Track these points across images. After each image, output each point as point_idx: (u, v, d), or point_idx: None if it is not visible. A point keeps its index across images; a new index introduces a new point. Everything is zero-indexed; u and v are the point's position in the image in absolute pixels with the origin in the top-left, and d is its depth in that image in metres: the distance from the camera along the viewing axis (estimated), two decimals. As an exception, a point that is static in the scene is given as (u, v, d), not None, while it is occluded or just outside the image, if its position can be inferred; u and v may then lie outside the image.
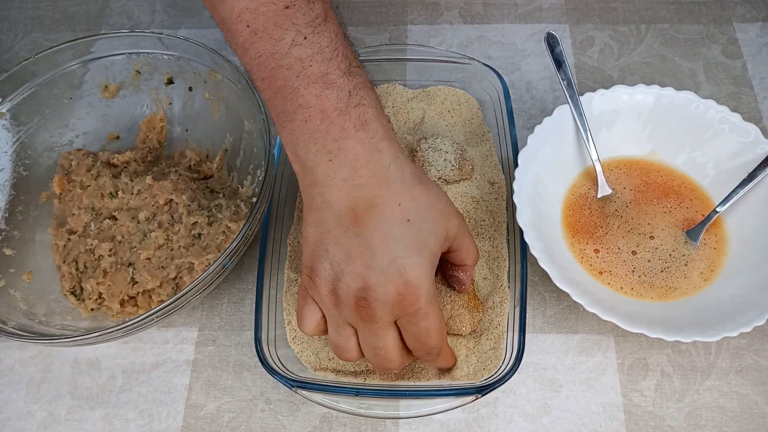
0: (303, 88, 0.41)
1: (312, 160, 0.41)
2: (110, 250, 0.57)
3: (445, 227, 0.44)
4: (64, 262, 0.58)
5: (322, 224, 0.42)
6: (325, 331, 0.45)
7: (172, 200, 0.58)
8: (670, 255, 0.55)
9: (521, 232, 0.51)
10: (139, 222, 0.58)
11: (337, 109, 0.41)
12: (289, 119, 0.42)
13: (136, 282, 0.55)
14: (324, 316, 0.44)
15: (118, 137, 0.65)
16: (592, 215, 0.57)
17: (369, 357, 0.44)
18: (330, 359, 0.52)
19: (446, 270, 0.50)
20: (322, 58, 0.41)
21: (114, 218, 0.58)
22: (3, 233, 0.58)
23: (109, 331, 0.48)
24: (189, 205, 0.58)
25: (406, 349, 0.45)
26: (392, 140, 0.43)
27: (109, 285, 0.56)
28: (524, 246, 0.52)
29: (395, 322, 0.42)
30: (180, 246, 0.56)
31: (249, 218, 0.51)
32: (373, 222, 0.41)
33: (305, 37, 0.41)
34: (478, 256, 0.49)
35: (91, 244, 0.57)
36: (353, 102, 0.41)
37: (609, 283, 0.54)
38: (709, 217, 0.56)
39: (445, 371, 0.50)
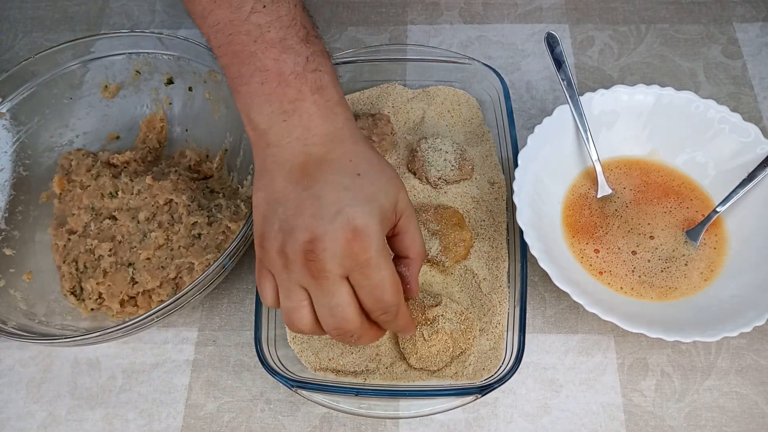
0: (260, 52, 0.41)
1: (266, 121, 0.42)
2: (110, 250, 0.57)
3: (395, 194, 0.43)
4: (64, 262, 0.58)
5: (272, 185, 0.42)
6: None
7: (172, 200, 0.58)
8: (670, 255, 0.55)
9: (521, 232, 0.51)
10: (139, 222, 0.58)
11: (294, 72, 0.41)
12: (245, 82, 0.42)
13: (136, 282, 0.55)
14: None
15: (118, 137, 0.65)
16: (592, 215, 0.57)
17: (325, 322, 0.42)
18: (330, 359, 0.52)
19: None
20: (281, 25, 0.42)
21: (114, 218, 0.58)
22: (3, 233, 0.58)
23: (109, 331, 0.48)
24: (189, 205, 0.58)
25: (366, 316, 0.42)
26: (346, 107, 0.44)
27: (109, 285, 0.56)
28: (524, 246, 0.52)
29: (348, 279, 0.41)
30: (180, 246, 0.56)
31: (249, 218, 0.51)
32: (323, 175, 0.41)
33: (264, 6, 0.42)
34: (425, 255, 0.47)
35: (91, 244, 0.57)
36: (310, 67, 0.42)
37: (609, 283, 0.54)
38: (709, 217, 0.56)
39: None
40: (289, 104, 0.41)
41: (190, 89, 0.64)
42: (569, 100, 0.57)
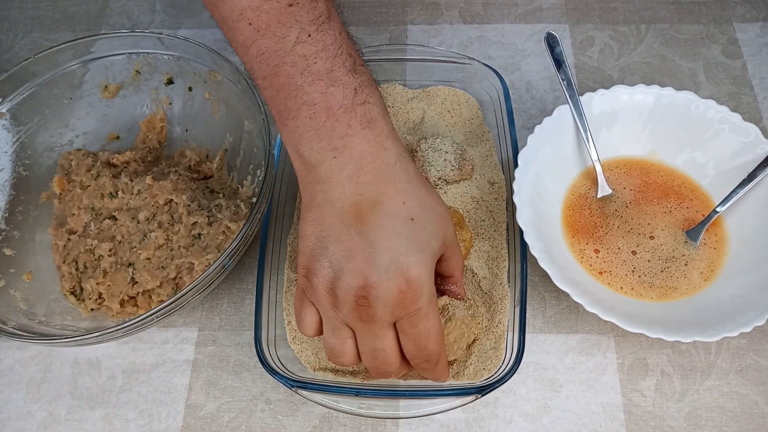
0: (307, 85, 0.40)
1: (315, 157, 0.41)
2: (110, 250, 0.57)
3: (444, 232, 0.43)
4: (64, 262, 0.58)
5: (323, 222, 0.41)
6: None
7: (172, 200, 0.58)
8: (670, 255, 0.55)
9: (521, 232, 0.51)
10: (139, 222, 0.58)
11: (342, 107, 0.40)
12: (292, 116, 0.41)
13: (136, 282, 0.55)
14: (321, 318, 0.43)
15: (118, 137, 0.65)
16: (592, 215, 0.57)
17: (367, 360, 0.43)
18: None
19: (436, 285, 0.49)
20: (327, 55, 0.41)
21: (114, 218, 0.58)
22: (3, 233, 0.58)
23: (109, 331, 0.48)
24: (189, 205, 0.58)
25: (404, 357, 0.43)
26: (397, 140, 0.43)
27: (109, 285, 0.56)
28: (524, 246, 0.52)
29: (394, 325, 0.42)
30: (180, 246, 0.56)
31: (249, 218, 0.51)
32: (377, 220, 0.40)
33: (309, 35, 0.41)
34: (463, 268, 0.49)
35: (91, 244, 0.57)
36: (359, 99, 0.41)
37: (609, 283, 0.54)
38: (709, 217, 0.56)
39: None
40: (339, 140, 0.40)
41: (190, 89, 0.64)
42: (569, 100, 0.57)
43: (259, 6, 0.41)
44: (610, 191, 0.58)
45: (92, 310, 0.56)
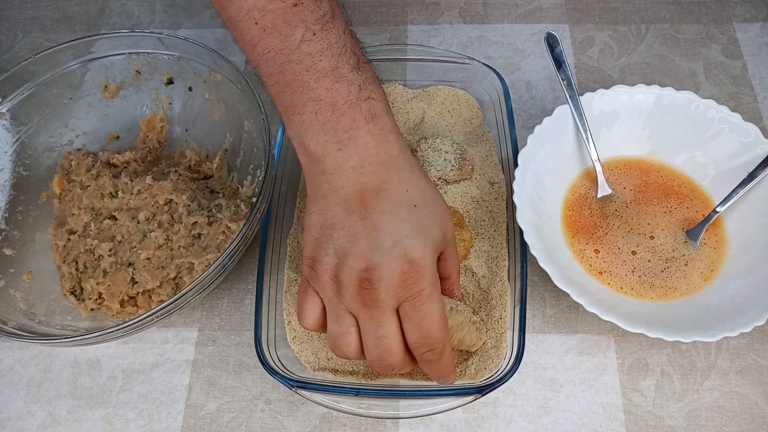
0: (313, 82, 0.41)
1: (321, 150, 0.42)
2: (110, 250, 0.57)
3: (444, 224, 0.44)
4: (64, 262, 0.58)
5: (327, 211, 0.42)
6: (326, 326, 0.44)
7: (172, 200, 0.58)
8: (670, 255, 0.55)
9: (521, 232, 0.51)
10: (139, 222, 0.58)
11: (347, 102, 0.42)
12: (298, 111, 0.42)
13: (136, 282, 0.55)
14: (324, 308, 0.43)
15: (118, 137, 0.65)
16: (592, 215, 0.57)
17: (370, 350, 0.42)
18: (329, 359, 0.52)
19: None
20: (332, 53, 0.42)
21: (114, 218, 0.58)
22: (3, 233, 0.58)
23: (109, 331, 0.48)
24: (189, 205, 0.58)
25: (408, 350, 0.43)
26: (399, 134, 0.44)
27: (109, 285, 0.56)
28: (524, 246, 0.52)
29: (398, 314, 0.41)
30: (180, 246, 0.56)
31: (249, 218, 0.51)
32: (380, 205, 0.41)
33: (314, 34, 0.42)
34: (460, 270, 0.49)
35: (91, 244, 0.57)
36: (363, 95, 0.42)
37: (609, 283, 0.54)
38: (709, 217, 0.56)
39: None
40: (344, 133, 0.42)
41: (190, 89, 0.64)
42: (569, 100, 0.57)
43: (265, 6, 0.42)
44: (610, 191, 0.58)
45: (92, 310, 0.56)
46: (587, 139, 0.57)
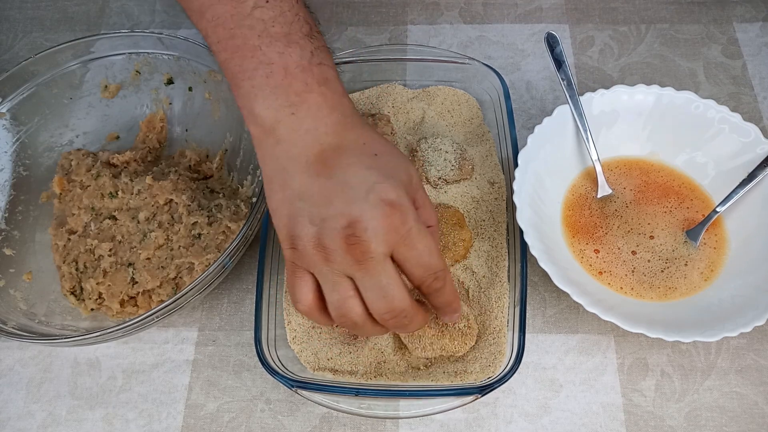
0: (265, 46, 0.41)
1: (272, 116, 0.41)
2: (110, 250, 0.57)
3: (408, 170, 0.43)
4: (64, 262, 0.58)
5: (291, 183, 0.41)
6: (323, 308, 0.42)
7: (172, 200, 0.58)
8: (670, 255, 0.55)
9: (521, 232, 0.51)
10: (139, 222, 0.58)
11: (299, 66, 0.41)
12: (248, 77, 0.42)
13: (136, 282, 0.55)
14: (318, 285, 0.42)
15: (118, 137, 0.65)
16: (592, 215, 0.57)
17: (377, 306, 0.41)
18: (329, 359, 0.52)
19: None
20: (284, 20, 0.42)
21: (114, 218, 0.58)
22: (3, 233, 0.58)
23: (109, 331, 0.48)
24: (189, 205, 0.58)
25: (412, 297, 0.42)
26: (349, 99, 0.44)
27: (109, 285, 0.56)
28: (524, 246, 0.52)
29: (391, 258, 0.40)
30: (180, 246, 0.56)
31: (249, 218, 0.51)
32: (342, 160, 0.41)
33: (267, 1, 0.42)
34: (436, 215, 0.48)
35: (91, 244, 0.57)
36: (315, 60, 0.42)
37: (609, 283, 0.54)
38: (709, 217, 0.56)
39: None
40: (296, 97, 0.41)
41: (190, 89, 0.64)
42: (569, 100, 0.57)
43: None
44: (610, 191, 0.58)
45: (92, 310, 0.56)
46: (587, 139, 0.57)
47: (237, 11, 0.42)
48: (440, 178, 0.58)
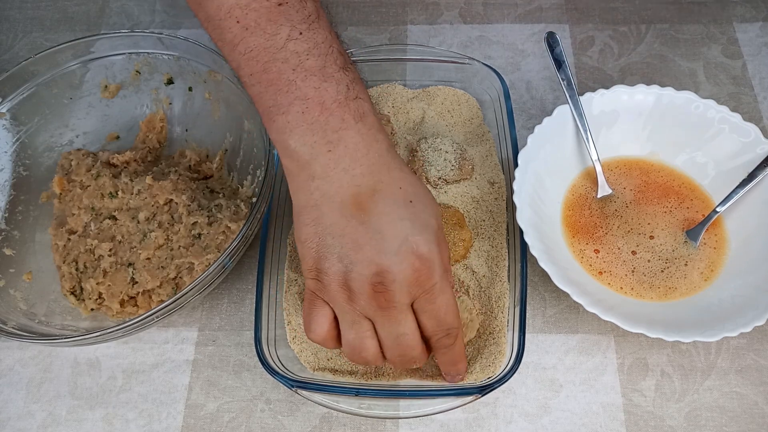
0: (300, 81, 0.40)
1: (309, 152, 0.41)
2: (110, 250, 0.57)
3: (437, 216, 0.44)
4: (64, 262, 0.58)
5: (323, 219, 0.41)
6: (336, 337, 0.44)
7: (172, 200, 0.58)
8: (670, 255, 0.55)
9: (521, 232, 0.51)
10: (139, 222, 0.58)
11: (336, 101, 0.41)
12: (283, 111, 0.41)
13: (136, 282, 0.55)
14: (335, 318, 0.43)
15: (118, 137, 0.65)
16: (592, 215, 0.57)
17: (391, 349, 0.42)
18: (329, 359, 0.52)
19: None
20: (319, 52, 0.41)
21: (114, 218, 0.58)
22: (3, 233, 0.58)
23: (109, 331, 0.48)
24: (189, 205, 0.58)
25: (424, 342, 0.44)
26: (385, 133, 0.44)
27: (109, 285, 0.56)
28: (524, 246, 0.52)
29: (412, 306, 0.42)
30: (180, 246, 0.56)
31: (249, 218, 0.51)
32: (378, 207, 0.41)
33: (301, 33, 0.41)
34: (450, 256, 0.48)
35: (91, 244, 0.57)
36: (351, 95, 0.42)
37: (609, 283, 0.54)
38: (709, 217, 0.56)
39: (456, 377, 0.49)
40: (333, 134, 0.41)
41: (190, 89, 0.64)
42: (569, 100, 0.57)
43: (247, 5, 0.41)
44: (610, 191, 0.58)
45: (92, 310, 0.56)
46: (587, 139, 0.57)
47: (270, 44, 0.41)
48: (440, 178, 0.58)
